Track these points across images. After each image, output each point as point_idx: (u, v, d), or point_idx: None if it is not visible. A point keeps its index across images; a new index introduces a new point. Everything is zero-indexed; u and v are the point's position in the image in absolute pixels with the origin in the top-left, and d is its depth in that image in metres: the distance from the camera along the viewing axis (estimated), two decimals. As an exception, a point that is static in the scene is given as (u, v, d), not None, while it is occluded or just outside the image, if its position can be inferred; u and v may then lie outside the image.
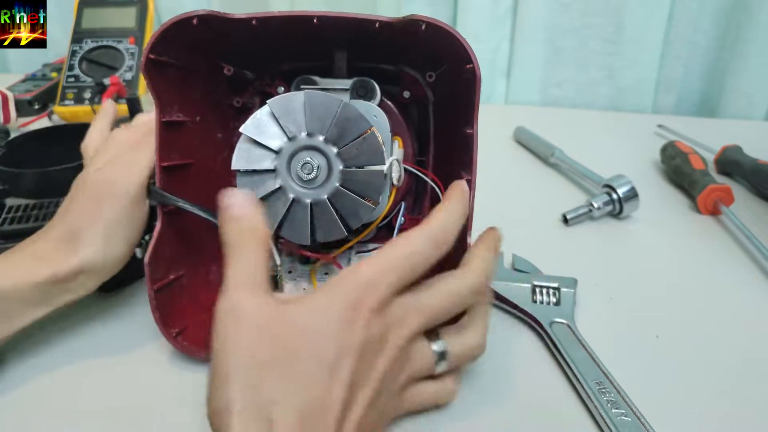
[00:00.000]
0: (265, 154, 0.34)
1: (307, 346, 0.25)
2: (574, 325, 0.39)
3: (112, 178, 0.36)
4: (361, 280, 0.27)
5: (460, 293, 0.30)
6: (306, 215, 0.34)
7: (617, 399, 0.33)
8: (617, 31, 0.88)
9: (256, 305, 0.26)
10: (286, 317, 0.26)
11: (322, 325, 0.26)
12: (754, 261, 0.50)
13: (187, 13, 0.33)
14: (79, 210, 0.36)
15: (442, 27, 0.32)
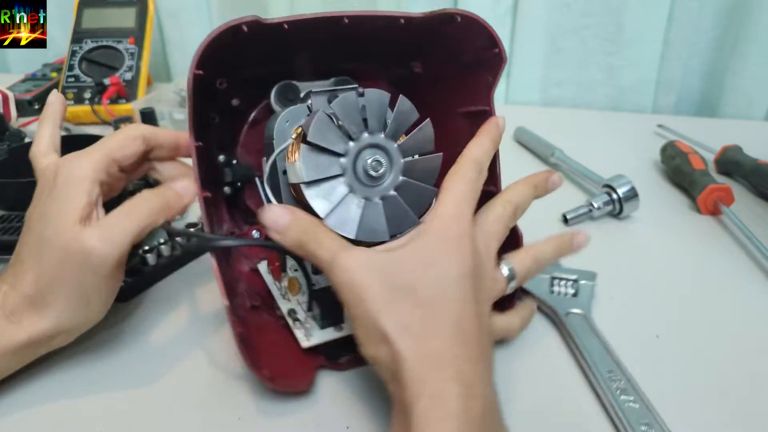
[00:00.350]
0: (331, 160, 0.33)
1: (432, 275, 0.29)
2: (590, 316, 0.40)
3: (85, 248, 0.32)
4: (451, 214, 0.31)
5: (508, 203, 0.36)
6: (380, 212, 0.33)
7: (627, 386, 0.34)
8: (617, 31, 0.88)
9: (369, 257, 0.29)
10: (404, 257, 0.29)
11: (439, 257, 0.29)
12: (754, 261, 0.50)
13: (237, 20, 0.32)
14: (50, 271, 0.33)
15: (475, 18, 0.35)
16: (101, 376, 0.37)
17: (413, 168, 0.35)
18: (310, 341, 0.36)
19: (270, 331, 0.38)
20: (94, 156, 0.35)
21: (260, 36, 0.34)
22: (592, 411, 0.34)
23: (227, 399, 0.35)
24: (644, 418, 0.32)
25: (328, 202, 0.32)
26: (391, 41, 0.39)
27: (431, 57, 0.41)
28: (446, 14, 0.35)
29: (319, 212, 0.32)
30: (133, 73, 0.80)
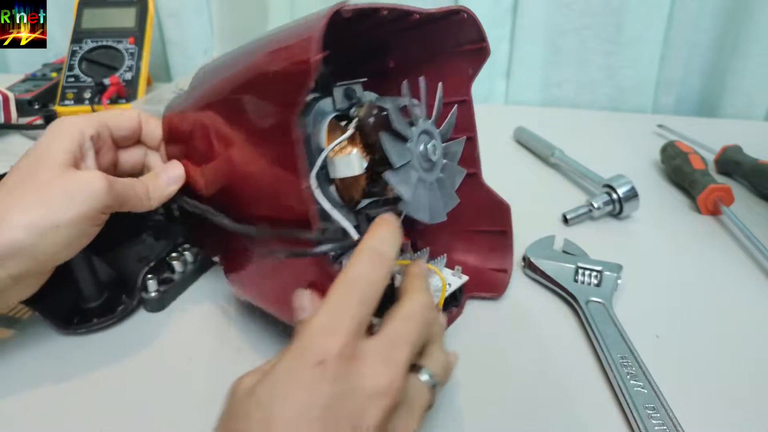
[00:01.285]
0: (404, 146, 0.33)
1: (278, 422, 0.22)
2: (610, 306, 0.42)
3: (84, 179, 0.33)
4: (316, 328, 0.24)
5: (422, 312, 0.28)
6: (437, 194, 0.35)
7: (638, 372, 0.36)
8: (617, 31, 0.88)
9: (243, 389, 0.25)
10: (255, 398, 0.23)
11: (284, 395, 0.23)
12: (754, 261, 0.50)
13: (375, 3, 0.32)
14: (27, 192, 0.32)
15: (472, 14, 0.39)
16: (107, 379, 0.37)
17: (449, 151, 0.37)
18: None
19: None
20: (85, 117, 0.37)
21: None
22: (601, 393, 0.36)
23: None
24: (651, 402, 0.33)
25: (408, 186, 0.33)
26: (367, 38, 0.40)
27: (406, 51, 0.42)
28: (454, 10, 0.38)
29: (406, 197, 0.32)
30: (133, 73, 0.80)
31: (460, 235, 0.46)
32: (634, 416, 0.33)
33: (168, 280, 0.44)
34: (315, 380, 0.23)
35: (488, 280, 0.45)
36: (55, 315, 0.39)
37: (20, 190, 0.32)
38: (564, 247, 0.49)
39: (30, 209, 0.32)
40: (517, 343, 0.40)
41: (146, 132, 0.40)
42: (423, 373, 0.28)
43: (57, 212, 0.32)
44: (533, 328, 0.42)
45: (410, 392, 0.26)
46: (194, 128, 0.38)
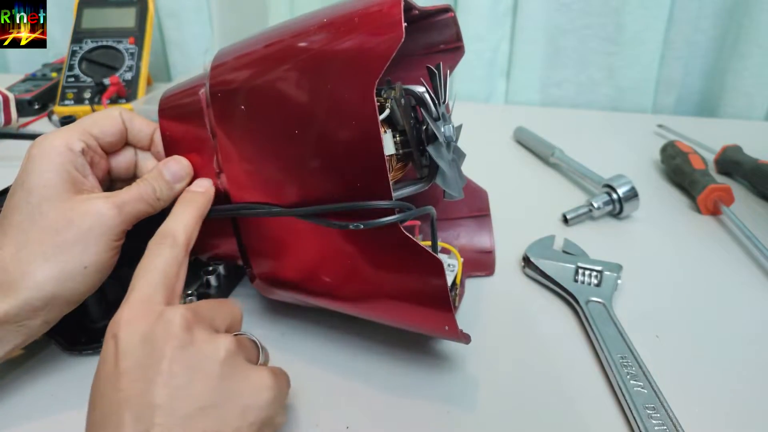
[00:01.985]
0: (440, 126, 0.34)
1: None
2: (610, 305, 0.42)
3: (93, 211, 0.32)
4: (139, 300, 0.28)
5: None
6: (457, 173, 0.37)
7: (638, 372, 0.36)
8: (617, 31, 0.88)
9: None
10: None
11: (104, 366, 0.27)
12: (754, 261, 0.50)
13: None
14: (38, 239, 0.31)
15: (455, 15, 0.40)
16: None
17: (454, 135, 0.38)
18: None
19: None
20: (66, 130, 0.34)
21: None
22: (601, 393, 0.36)
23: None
24: (650, 402, 0.33)
25: (445, 162, 0.34)
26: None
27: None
28: (443, 9, 0.39)
29: (447, 171, 0.34)
30: (133, 73, 0.80)
31: (444, 223, 0.49)
32: (634, 416, 0.33)
33: (205, 295, 0.42)
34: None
35: (478, 262, 0.48)
36: (62, 335, 0.38)
37: (32, 235, 0.31)
38: (564, 247, 0.49)
39: (51, 258, 0.31)
40: (517, 342, 0.40)
41: (133, 132, 0.37)
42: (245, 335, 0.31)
43: (78, 255, 0.32)
44: (533, 327, 0.42)
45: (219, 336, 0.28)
46: (231, 112, 0.34)
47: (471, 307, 0.44)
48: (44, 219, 0.31)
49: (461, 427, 0.33)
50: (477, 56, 0.93)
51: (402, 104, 0.34)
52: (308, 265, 0.35)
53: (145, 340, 0.26)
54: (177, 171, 0.35)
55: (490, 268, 0.48)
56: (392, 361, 0.38)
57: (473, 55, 0.93)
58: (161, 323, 0.27)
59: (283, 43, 0.34)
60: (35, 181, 0.32)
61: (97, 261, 0.32)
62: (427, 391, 0.36)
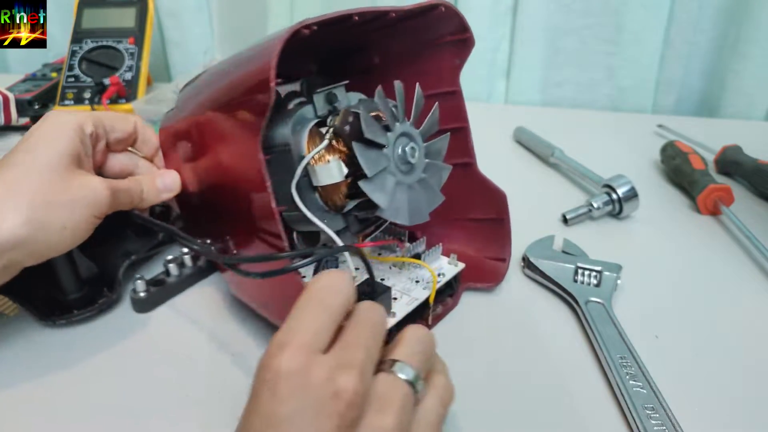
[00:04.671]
0: (379, 153, 0.33)
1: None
2: (609, 306, 0.42)
3: (90, 185, 0.35)
4: (272, 343, 0.24)
5: (367, 314, 0.27)
6: (419, 196, 0.35)
7: (637, 372, 0.36)
8: (617, 31, 0.88)
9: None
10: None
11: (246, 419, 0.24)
12: (754, 261, 0.50)
13: (304, 21, 0.31)
14: (41, 188, 0.33)
15: (451, 7, 0.38)
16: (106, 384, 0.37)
17: (431, 150, 0.37)
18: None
19: None
20: (81, 113, 0.37)
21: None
22: (600, 393, 0.36)
23: (228, 400, 0.35)
24: (650, 403, 0.33)
25: (384, 194, 0.33)
26: (348, 38, 0.40)
27: (388, 47, 0.43)
28: (432, 5, 0.38)
29: (382, 204, 0.33)
30: (133, 73, 0.80)
31: (457, 224, 0.46)
32: (633, 416, 0.33)
33: (160, 281, 0.44)
34: (268, 398, 0.23)
35: (485, 269, 0.45)
36: (36, 307, 0.40)
37: (25, 186, 0.33)
38: (564, 247, 0.49)
39: (37, 208, 0.32)
40: (516, 342, 0.40)
41: (143, 139, 0.41)
42: (397, 368, 0.26)
43: (63, 215, 0.33)
44: (532, 328, 0.42)
45: (379, 390, 0.25)
46: (180, 144, 0.40)
47: (470, 306, 0.44)
48: (42, 177, 0.33)
49: (460, 427, 0.33)
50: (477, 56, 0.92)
51: (347, 130, 0.33)
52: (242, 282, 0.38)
53: (311, 410, 0.23)
54: (169, 184, 0.40)
55: (497, 279, 0.45)
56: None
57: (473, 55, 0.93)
58: (331, 395, 0.23)
59: (192, 104, 0.39)
60: (44, 146, 0.34)
61: (75, 228, 0.34)
62: (426, 391, 0.36)
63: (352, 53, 0.44)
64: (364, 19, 0.35)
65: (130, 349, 0.39)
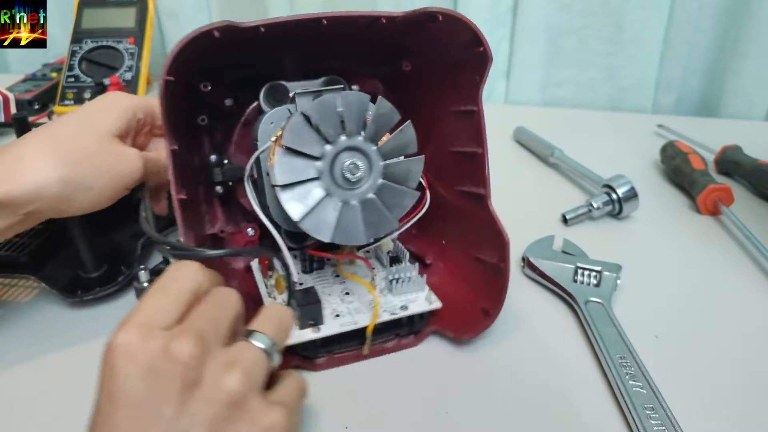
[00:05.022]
0: (307, 164, 0.32)
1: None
2: (609, 306, 0.42)
3: (125, 155, 0.37)
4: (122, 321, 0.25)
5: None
6: (358, 216, 0.33)
7: (636, 372, 0.36)
8: (617, 31, 0.88)
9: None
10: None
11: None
12: (754, 261, 0.50)
13: (208, 26, 0.31)
14: (79, 145, 0.35)
15: (457, 16, 0.35)
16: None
17: (394, 170, 0.34)
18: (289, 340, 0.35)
19: None
20: (139, 98, 0.40)
21: (241, 39, 0.34)
22: (600, 393, 0.36)
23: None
24: (649, 403, 0.33)
25: (303, 205, 0.32)
26: (379, 40, 0.39)
27: (420, 55, 0.41)
28: (427, 13, 0.35)
29: (293, 216, 0.32)
30: (133, 73, 0.80)
31: (465, 259, 0.42)
32: (633, 416, 0.33)
33: (161, 271, 0.44)
34: (108, 376, 0.24)
35: (467, 317, 0.39)
36: (60, 285, 0.43)
37: (66, 144, 0.35)
38: (563, 247, 0.49)
39: (70, 165, 0.34)
40: (516, 343, 0.40)
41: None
42: (251, 336, 0.27)
43: (93, 177, 0.35)
44: (532, 328, 0.42)
45: (230, 354, 0.26)
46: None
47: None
48: (84, 140, 0.36)
49: (460, 428, 0.33)
50: (477, 56, 0.93)
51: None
52: None
53: (147, 378, 0.23)
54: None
55: (474, 332, 0.39)
56: (391, 360, 0.38)
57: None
58: (166, 359, 0.24)
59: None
60: (95, 116, 0.37)
61: (102, 191, 0.36)
62: (425, 392, 0.36)
63: (384, 58, 0.42)
64: (334, 24, 0.34)
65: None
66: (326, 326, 0.36)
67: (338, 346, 0.37)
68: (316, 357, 0.37)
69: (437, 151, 0.42)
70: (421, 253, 0.44)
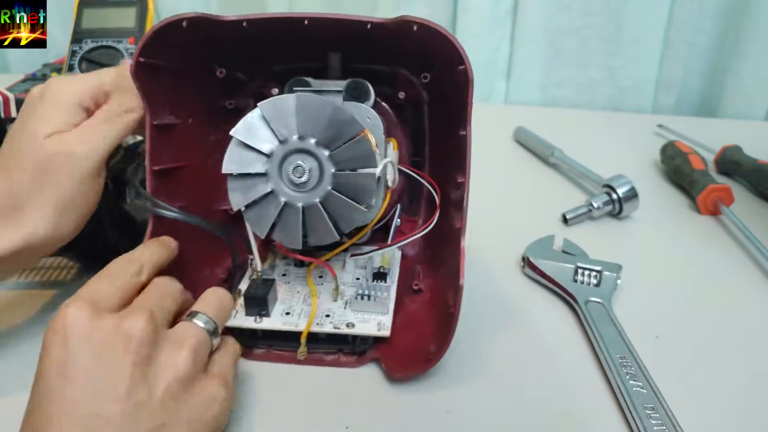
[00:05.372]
0: (256, 158, 0.33)
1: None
2: (609, 306, 0.42)
3: (68, 152, 0.33)
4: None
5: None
6: (298, 219, 0.33)
7: (637, 372, 0.36)
8: (617, 31, 0.88)
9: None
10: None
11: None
12: (754, 261, 0.50)
13: (177, 15, 0.32)
14: (24, 182, 0.32)
15: (434, 28, 0.31)
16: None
17: (345, 181, 0.33)
18: (230, 322, 0.36)
19: None
20: (83, 81, 0.35)
21: (266, 34, 0.35)
22: (600, 393, 0.36)
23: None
24: (650, 403, 0.33)
25: (244, 197, 0.33)
26: (401, 48, 0.37)
27: (431, 68, 0.40)
28: (405, 21, 0.32)
29: (233, 204, 0.34)
30: (133, 73, 0.80)
31: (442, 290, 0.38)
32: (633, 416, 0.33)
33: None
34: (59, 348, 0.25)
35: (410, 354, 0.36)
36: (92, 260, 0.41)
37: (53, 191, 0.33)
38: (563, 247, 0.49)
39: (62, 212, 0.33)
40: (516, 342, 0.40)
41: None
42: (194, 317, 0.30)
43: (81, 213, 0.34)
44: (532, 328, 0.42)
45: (177, 332, 0.29)
46: None
47: (470, 307, 0.43)
48: (28, 158, 0.33)
49: (460, 428, 0.33)
50: (477, 56, 0.93)
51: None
52: None
53: (102, 353, 0.25)
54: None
55: (406, 373, 0.36)
56: (331, 374, 0.37)
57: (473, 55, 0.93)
58: (120, 336, 0.25)
59: None
60: (35, 120, 0.33)
61: (72, 200, 0.34)
62: (425, 392, 0.36)
63: (417, 67, 0.41)
64: (317, 25, 0.34)
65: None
66: (269, 320, 0.37)
67: (278, 344, 0.38)
68: (255, 347, 0.38)
69: (448, 174, 0.39)
70: (417, 276, 0.42)
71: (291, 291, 0.39)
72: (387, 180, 0.37)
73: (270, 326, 0.37)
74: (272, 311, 0.37)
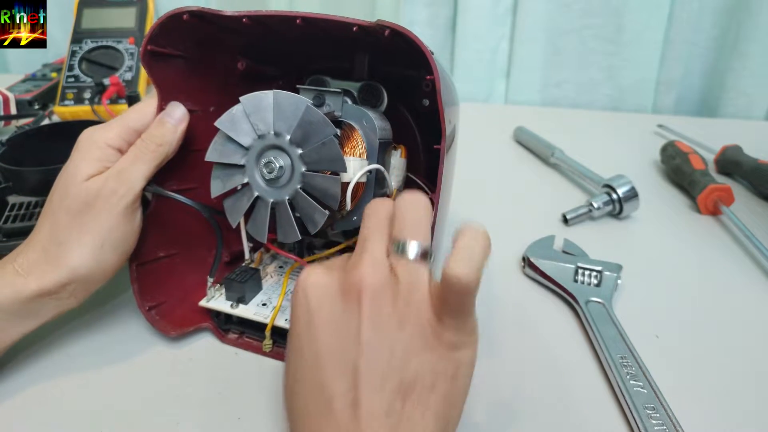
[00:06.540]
0: (236, 150, 0.34)
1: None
2: (609, 306, 0.42)
3: (105, 191, 0.34)
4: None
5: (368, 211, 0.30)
6: (266, 214, 0.34)
7: (637, 372, 0.36)
8: (617, 31, 0.88)
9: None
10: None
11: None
12: (754, 261, 0.50)
13: (180, 8, 0.34)
14: (67, 222, 0.34)
15: (405, 33, 0.30)
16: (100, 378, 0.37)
17: (312, 182, 0.33)
18: (207, 303, 0.39)
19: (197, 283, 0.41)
20: (112, 126, 0.36)
21: (288, 32, 0.36)
22: (601, 393, 0.36)
23: (227, 399, 0.35)
24: (650, 402, 0.33)
25: (223, 185, 0.35)
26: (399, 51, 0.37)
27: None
28: (380, 25, 0.31)
29: (212, 191, 0.35)
30: (133, 73, 0.80)
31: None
32: (633, 416, 0.33)
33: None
34: (302, 306, 0.27)
35: None
36: None
37: (95, 228, 0.34)
38: (564, 247, 0.49)
39: (104, 251, 0.34)
40: (517, 342, 0.40)
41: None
42: (401, 249, 0.27)
43: (95, 233, 0.34)
44: (533, 328, 0.42)
45: (401, 278, 0.27)
46: None
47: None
48: (67, 201, 0.34)
49: (460, 428, 0.33)
50: (477, 56, 0.93)
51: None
52: None
53: (338, 300, 0.27)
54: (180, 114, 0.37)
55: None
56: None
57: (473, 55, 0.93)
58: (351, 286, 0.26)
59: None
60: (71, 166, 0.35)
61: (111, 236, 0.35)
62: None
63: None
64: (308, 24, 0.34)
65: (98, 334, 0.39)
66: (244, 308, 0.38)
67: (250, 332, 0.39)
68: (228, 330, 0.39)
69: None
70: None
71: (277, 285, 0.41)
72: (391, 185, 0.37)
73: (242, 314, 0.38)
74: (250, 300, 0.39)
